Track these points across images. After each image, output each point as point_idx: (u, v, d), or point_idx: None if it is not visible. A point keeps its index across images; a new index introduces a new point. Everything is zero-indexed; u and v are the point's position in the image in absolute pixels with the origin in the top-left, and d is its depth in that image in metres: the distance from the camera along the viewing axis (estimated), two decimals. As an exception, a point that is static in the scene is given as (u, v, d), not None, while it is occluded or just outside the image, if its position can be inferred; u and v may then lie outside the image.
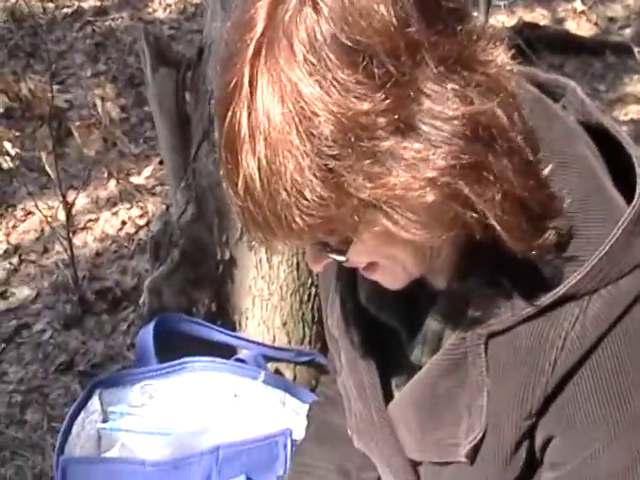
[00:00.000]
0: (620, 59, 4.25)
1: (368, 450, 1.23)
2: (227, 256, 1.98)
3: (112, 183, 3.35)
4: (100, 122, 2.87)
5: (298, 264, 1.93)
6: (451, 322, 1.00)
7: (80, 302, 2.84)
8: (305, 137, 0.78)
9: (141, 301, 1.99)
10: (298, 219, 0.81)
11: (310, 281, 1.94)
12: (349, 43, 0.77)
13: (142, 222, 3.19)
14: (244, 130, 0.80)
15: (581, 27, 4.59)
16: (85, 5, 4.55)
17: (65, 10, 4.53)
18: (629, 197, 0.93)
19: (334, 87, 0.77)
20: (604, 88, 4.13)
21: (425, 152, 0.79)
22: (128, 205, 3.28)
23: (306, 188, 0.79)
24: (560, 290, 0.90)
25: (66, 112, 3.69)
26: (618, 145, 0.98)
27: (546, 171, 0.88)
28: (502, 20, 4.57)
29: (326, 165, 0.78)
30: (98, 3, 4.55)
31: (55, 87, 3.38)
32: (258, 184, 0.81)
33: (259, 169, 0.80)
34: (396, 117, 0.78)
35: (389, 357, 1.13)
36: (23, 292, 3.01)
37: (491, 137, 0.81)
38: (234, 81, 0.81)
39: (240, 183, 0.82)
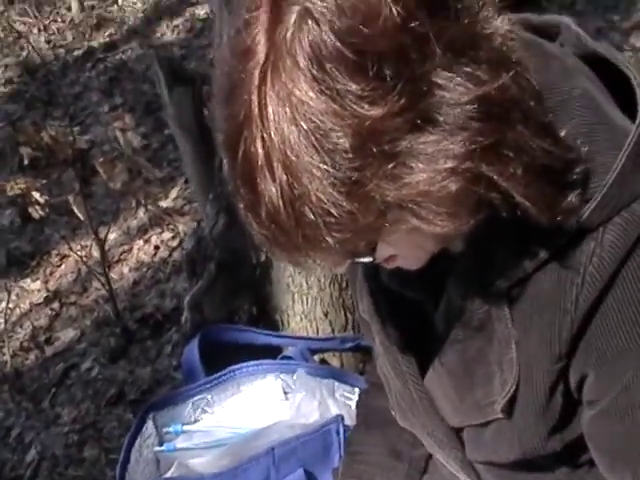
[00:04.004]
0: (631, -15, 4.20)
1: (411, 426, 1.24)
2: (262, 258, 1.98)
3: (141, 211, 3.38)
4: (123, 154, 2.90)
5: (332, 251, 1.94)
6: (472, 282, 0.99)
7: (123, 333, 2.87)
8: (324, 154, 0.77)
9: (183, 319, 2.01)
10: (328, 238, 0.80)
11: (346, 267, 1.95)
12: (355, 54, 0.76)
13: (175, 244, 3.21)
14: (260, 159, 0.79)
15: (588, -39, 4.52)
16: (94, 43, 4.62)
17: (76, 52, 4.60)
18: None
19: (347, 99, 0.76)
20: (618, 18, 4.05)
21: (444, 142, 0.78)
22: (159, 230, 3.30)
23: (332, 205, 0.78)
24: (573, 227, 0.89)
25: (88, 151, 3.73)
26: (619, 71, 0.98)
27: (562, 132, 0.88)
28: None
29: (349, 178, 0.77)
30: (107, 39, 4.62)
31: (75, 129, 3.43)
32: (283, 211, 0.79)
33: (282, 196, 0.79)
34: (412, 114, 0.77)
35: (418, 331, 1.13)
36: (67, 334, 3.04)
37: (505, 111, 0.81)
38: (242, 113, 0.79)
39: (264, 214, 0.81)
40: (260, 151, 0.79)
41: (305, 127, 0.77)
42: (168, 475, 1.62)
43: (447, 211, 0.82)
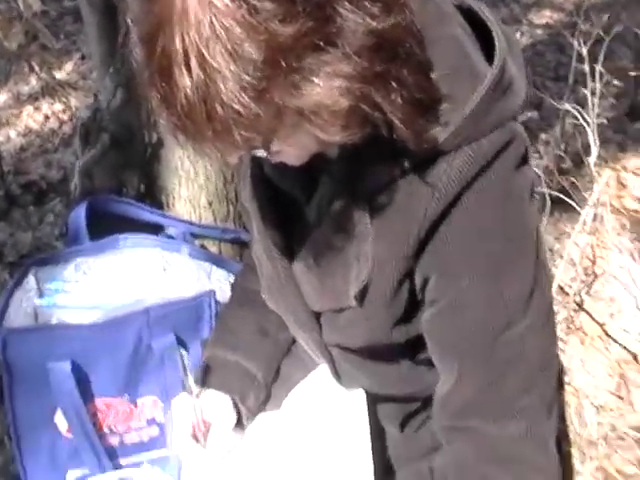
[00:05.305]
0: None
1: (278, 307, 1.36)
2: (154, 139, 2.03)
3: (34, 78, 3.33)
4: (21, 16, 2.82)
5: (222, 145, 1.98)
6: (341, 184, 1.12)
7: (6, 196, 2.86)
8: (238, 61, 0.84)
9: (72, 184, 2.03)
10: (235, 134, 0.89)
11: (233, 162, 1.99)
12: None
13: (65, 117, 3.20)
14: (179, 56, 0.86)
15: None
16: None
17: None
18: None
19: (262, 15, 0.84)
20: (521, -7, 4.22)
21: (340, 64, 0.88)
22: (51, 100, 3.28)
23: (241, 106, 0.86)
24: (429, 148, 1.02)
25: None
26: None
27: (433, 72, 1.01)
28: None
29: (258, 85, 0.85)
30: None
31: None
32: (196, 105, 0.87)
33: (196, 91, 0.86)
34: (317, 36, 0.86)
35: (292, 222, 1.25)
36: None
37: (392, 46, 0.92)
38: (165, 11, 0.86)
39: (178, 106, 0.88)
40: (179, 48, 0.85)
41: (223, 34, 0.84)
42: (46, 326, 1.65)
43: (339, 123, 0.92)
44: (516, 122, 1.07)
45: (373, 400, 1.36)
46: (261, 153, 1.00)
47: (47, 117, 3.24)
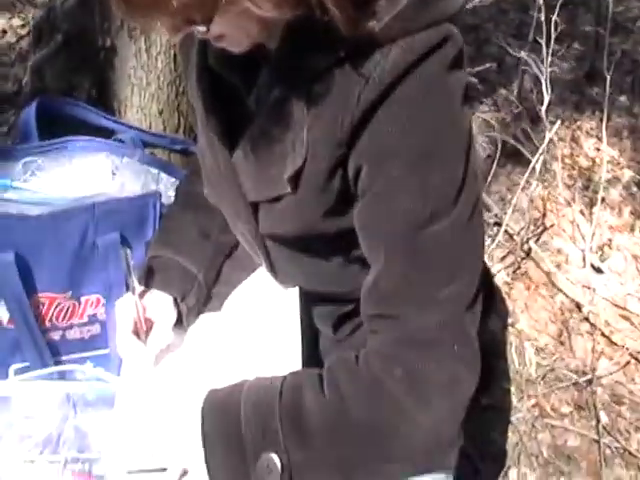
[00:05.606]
0: None
1: (218, 199, 1.39)
2: (108, 44, 2.03)
3: (-9, -9, 3.28)
4: None
5: (175, 56, 2.01)
6: (280, 74, 1.15)
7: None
8: None
9: (24, 82, 2.00)
10: (174, 1, 0.92)
11: (186, 74, 1.99)
12: None
13: (23, 32, 3.15)
14: None
15: None
16: None
17: None
18: None
19: None
20: None
21: None
22: (9, 14, 3.23)
23: None
24: (363, 38, 1.04)
25: None
26: None
27: None
28: None
29: None
30: None
31: None
32: None
33: None
34: None
35: (234, 112, 1.26)
36: None
37: None
38: None
39: None
40: None
41: None
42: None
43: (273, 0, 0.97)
44: (454, 25, 1.09)
45: (308, 300, 1.39)
46: (203, 33, 1.02)
47: (4, 31, 3.18)
